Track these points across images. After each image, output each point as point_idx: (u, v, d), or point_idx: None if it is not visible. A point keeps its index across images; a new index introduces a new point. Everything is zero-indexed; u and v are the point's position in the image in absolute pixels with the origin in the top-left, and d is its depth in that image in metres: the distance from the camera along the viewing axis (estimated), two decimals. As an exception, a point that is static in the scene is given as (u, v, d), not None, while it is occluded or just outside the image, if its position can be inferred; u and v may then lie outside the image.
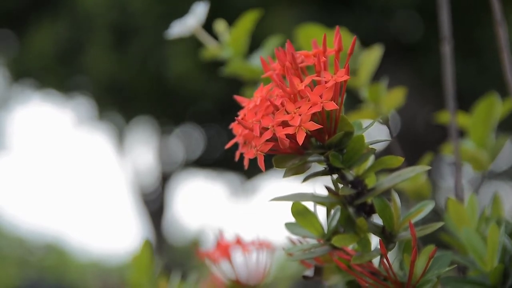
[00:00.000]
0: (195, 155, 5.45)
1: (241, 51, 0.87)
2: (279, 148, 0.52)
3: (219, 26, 0.87)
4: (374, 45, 0.83)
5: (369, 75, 0.84)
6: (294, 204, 0.58)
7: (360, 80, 0.83)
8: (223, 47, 0.87)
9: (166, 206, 5.89)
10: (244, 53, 0.87)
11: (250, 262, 0.80)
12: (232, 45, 0.86)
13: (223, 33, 0.87)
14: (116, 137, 5.57)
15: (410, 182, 0.84)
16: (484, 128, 0.81)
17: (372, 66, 0.83)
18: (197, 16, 0.84)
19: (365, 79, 0.83)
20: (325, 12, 3.60)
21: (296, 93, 0.52)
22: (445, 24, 0.84)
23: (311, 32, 0.81)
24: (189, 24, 0.84)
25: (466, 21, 3.54)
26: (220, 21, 0.88)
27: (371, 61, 0.83)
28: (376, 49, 0.83)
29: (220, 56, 0.87)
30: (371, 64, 0.83)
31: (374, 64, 0.83)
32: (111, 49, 4.01)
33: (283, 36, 0.85)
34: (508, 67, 0.75)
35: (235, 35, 0.86)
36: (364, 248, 0.58)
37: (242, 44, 0.86)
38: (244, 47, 0.87)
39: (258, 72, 0.85)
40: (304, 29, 0.82)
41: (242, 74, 0.86)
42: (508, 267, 0.60)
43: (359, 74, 0.83)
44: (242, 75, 0.86)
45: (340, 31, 0.56)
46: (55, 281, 6.35)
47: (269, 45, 0.86)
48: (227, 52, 0.86)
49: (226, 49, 0.86)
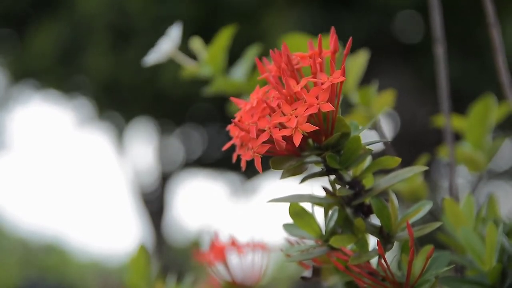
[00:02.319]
0: (195, 155, 5.46)
1: (220, 68, 0.86)
2: (276, 149, 0.52)
3: (195, 44, 0.87)
4: (360, 49, 0.83)
5: (357, 80, 0.84)
6: (292, 205, 0.58)
7: (348, 84, 0.83)
8: (202, 65, 0.87)
9: (166, 206, 5.89)
10: (223, 69, 0.87)
11: (245, 264, 0.80)
12: (211, 63, 0.86)
13: (199, 51, 0.87)
14: (116, 137, 5.56)
15: (406, 183, 0.85)
16: (481, 129, 0.81)
17: (359, 71, 0.83)
18: (172, 39, 0.85)
19: (353, 84, 0.84)
20: (325, 13, 3.60)
21: (292, 94, 0.53)
22: (438, 25, 0.84)
23: (297, 41, 0.80)
24: (164, 48, 0.84)
25: (467, 22, 3.54)
26: (196, 39, 0.87)
27: (358, 66, 0.83)
28: (362, 54, 0.83)
29: (199, 74, 0.87)
30: (358, 68, 0.83)
31: (361, 68, 0.83)
32: (110, 50, 4.02)
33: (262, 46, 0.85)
34: (503, 68, 0.75)
35: (213, 52, 0.86)
36: (362, 248, 0.58)
37: (220, 61, 0.86)
38: (223, 64, 0.87)
39: (241, 86, 0.85)
40: (289, 38, 0.82)
41: (225, 89, 0.86)
42: (506, 267, 0.61)
43: (347, 79, 0.83)
44: (225, 91, 0.86)
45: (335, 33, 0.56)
46: (56, 281, 6.36)
47: (249, 55, 0.86)
48: (206, 70, 0.86)
49: (205, 67, 0.86)
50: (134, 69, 4.00)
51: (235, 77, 0.86)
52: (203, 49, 0.87)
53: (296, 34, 0.81)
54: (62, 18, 4.17)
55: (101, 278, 6.15)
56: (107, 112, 4.94)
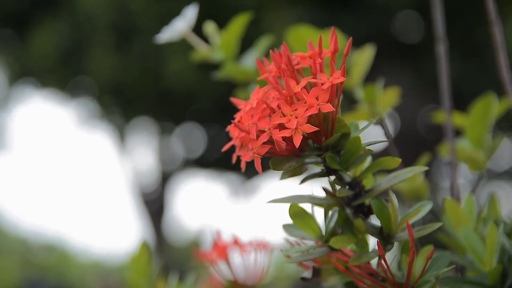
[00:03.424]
0: (195, 155, 5.45)
1: (232, 54, 0.86)
2: (276, 150, 0.52)
3: (209, 28, 0.87)
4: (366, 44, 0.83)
5: (362, 75, 0.84)
6: (292, 206, 0.58)
7: (353, 80, 0.83)
8: (214, 50, 0.87)
9: (166, 206, 5.89)
10: (235, 56, 0.87)
11: (247, 263, 0.80)
12: (223, 48, 0.86)
13: (213, 36, 0.87)
14: (117, 137, 5.56)
15: (407, 183, 0.84)
16: (481, 128, 0.81)
17: (364, 66, 0.83)
18: (186, 19, 0.84)
19: (358, 79, 0.83)
20: (325, 12, 3.60)
21: (292, 95, 0.52)
22: (439, 24, 0.84)
23: (302, 33, 0.80)
24: (178, 27, 0.84)
25: (467, 21, 3.54)
26: (210, 23, 0.87)
27: (364, 61, 0.83)
28: (368, 49, 0.83)
29: (211, 58, 0.87)
30: (364, 64, 0.83)
31: (367, 64, 0.83)
32: (112, 49, 4.01)
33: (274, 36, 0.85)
34: (504, 66, 0.75)
35: (226, 38, 0.86)
36: (362, 249, 0.58)
37: (233, 47, 0.86)
38: (235, 50, 0.87)
39: (250, 74, 0.85)
40: (295, 30, 0.82)
41: (234, 76, 0.86)
42: (506, 267, 0.60)
43: (352, 74, 0.83)
44: (234, 77, 0.86)
45: (336, 32, 0.56)
46: (56, 281, 6.35)
47: (260, 46, 0.86)
48: (218, 54, 0.86)
49: (217, 52, 0.86)
50: (137, 67, 4.00)
51: (245, 64, 0.86)
52: (217, 34, 0.87)
53: (301, 26, 0.81)
54: (64, 18, 4.16)
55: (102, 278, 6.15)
56: (109, 112, 4.94)
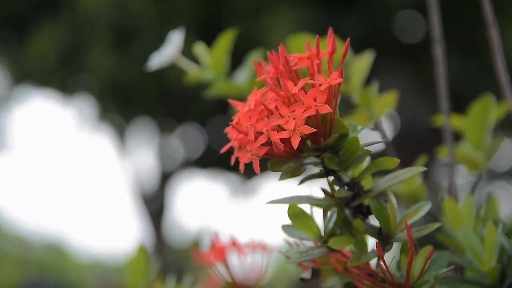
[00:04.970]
0: (195, 155, 5.45)
1: (222, 72, 0.87)
2: (274, 152, 0.52)
3: (198, 49, 0.87)
4: (365, 50, 0.83)
5: (361, 81, 0.84)
6: (291, 206, 0.58)
7: (352, 85, 0.84)
8: (204, 70, 0.87)
9: (166, 206, 5.89)
10: (226, 73, 0.87)
11: (246, 264, 0.80)
12: (213, 67, 0.86)
13: (202, 56, 0.87)
14: (117, 137, 5.56)
15: (405, 184, 0.84)
16: (480, 129, 0.81)
17: (364, 72, 0.83)
18: (174, 44, 0.85)
19: (357, 85, 0.84)
20: (325, 12, 3.60)
21: (290, 96, 0.52)
22: (436, 26, 0.84)
23: (300, 43, 0.80)
24: (167, 53, 0.85)
25: (465, 22, 3.54)
26: (199, 43, 0.88)
27: (363, 67, 0.83)
28: (367, 55, 0.83)
29: (203, 78, 0.87)
30: (363, 69, 0.83)
31: (366, 69, 0.83)
32: (112, 50, 4.01)
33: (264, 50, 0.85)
34: (502, 68, 0.75)
35: (215, 56, 0.86)
36: (361, 249, 0.58)
37: (222, 64, 0.87)
38: (225, 67, 0.87)
39: (243, 89, 0.85)
40: (296, 38, 0.82)
41: (227, 93, 0.86)
42: (505, 267, 0.60)
43: (352, 80, 0.83)
44: (227, 94, 0.86)
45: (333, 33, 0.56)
46: (56, 281, 6.36)
47: (251, 59, 0.86)
48: (208, 74, 0.87)
49: (207, 72, 0.87)
50: (137, 68, 3.99)
51: (237, 80, 0.87)
52: (206, 53, 0.88)
53: (299, 35, 0.81)
54: (64, 19, 4.16)
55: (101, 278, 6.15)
56: (109, 113, 4.94)
